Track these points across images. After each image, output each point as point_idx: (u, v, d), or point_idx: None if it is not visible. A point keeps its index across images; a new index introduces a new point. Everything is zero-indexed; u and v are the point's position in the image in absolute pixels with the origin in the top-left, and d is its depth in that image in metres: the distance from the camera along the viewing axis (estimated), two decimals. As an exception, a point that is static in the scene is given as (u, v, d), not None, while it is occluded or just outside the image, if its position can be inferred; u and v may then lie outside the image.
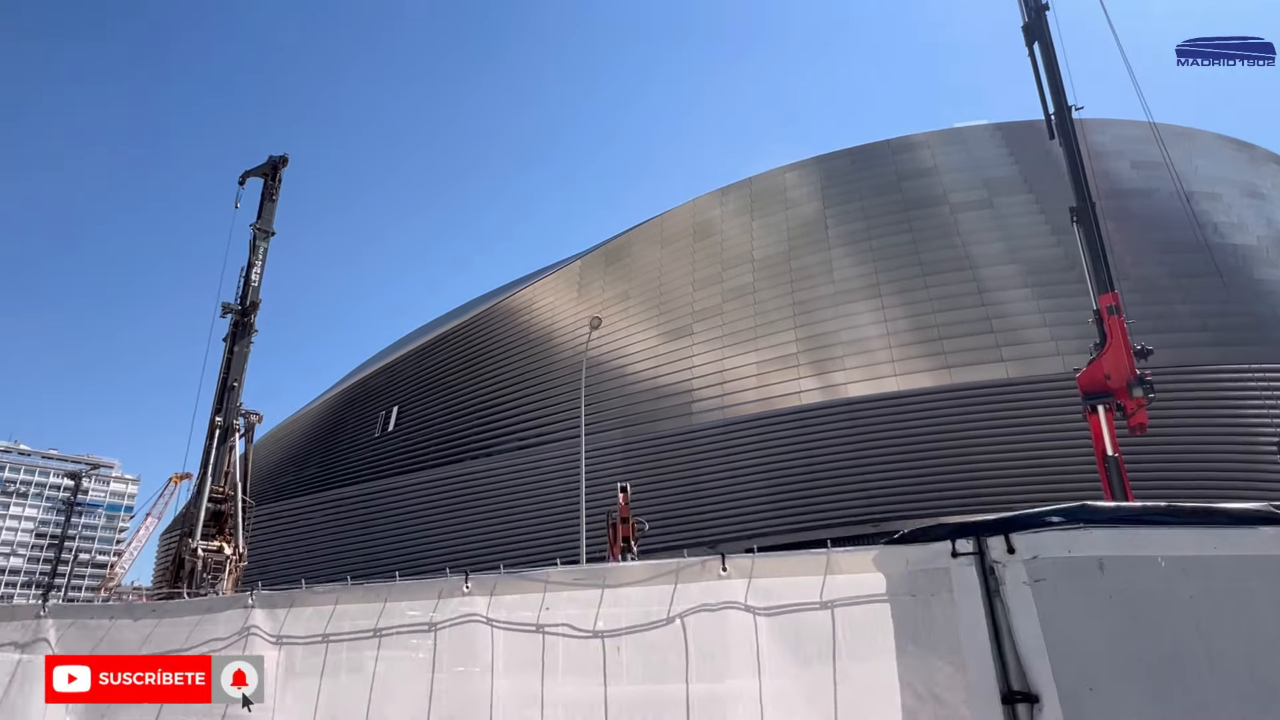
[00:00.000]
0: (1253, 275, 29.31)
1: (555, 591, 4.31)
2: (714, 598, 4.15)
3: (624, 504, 11.51)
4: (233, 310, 16.01)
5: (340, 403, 53.10)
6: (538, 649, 4.09)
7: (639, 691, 3.97)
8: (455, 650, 4.11)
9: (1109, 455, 14.17)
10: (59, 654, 2.97)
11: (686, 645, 4.02)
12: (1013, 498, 25.91)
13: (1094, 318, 16.10)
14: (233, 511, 14.11)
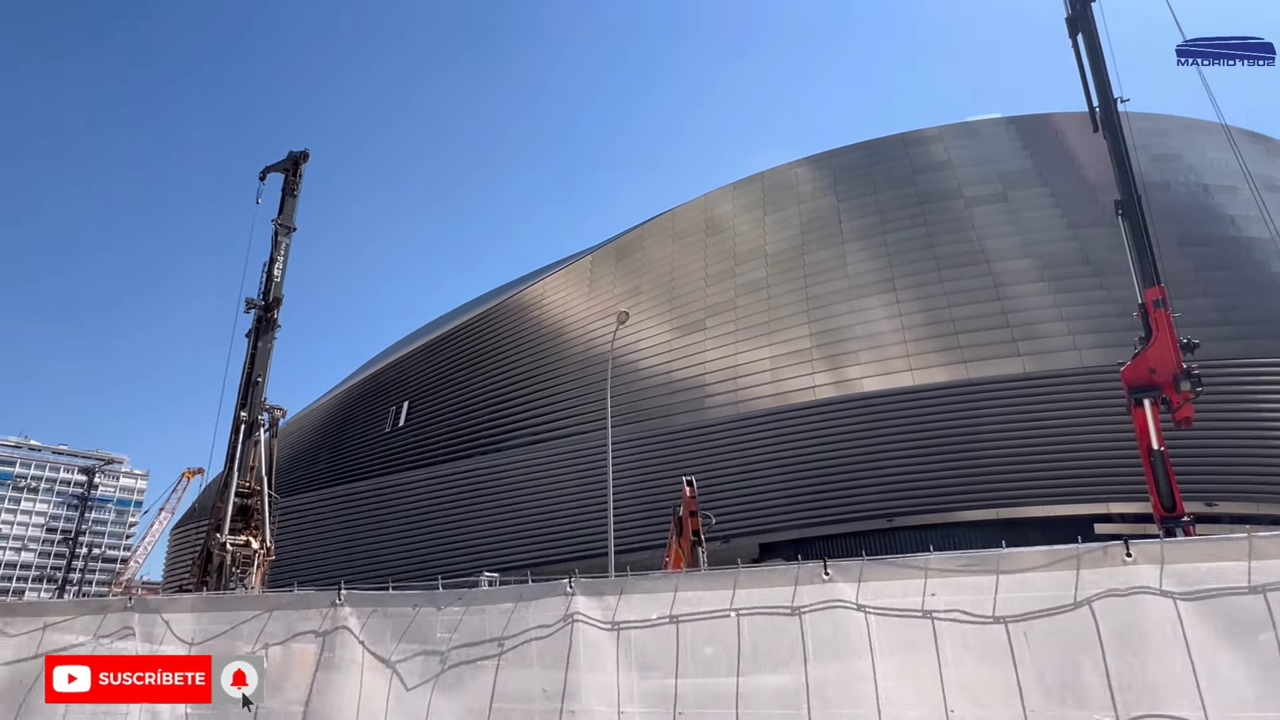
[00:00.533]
0: (1270, 269, 29.16)
1: (940, 578, 4.14)
2: (1122, 583, 4.11)
3: (691, 496, 11.48)
4: (256, 306, 16.08)
5: (350, 398, 53.26)
6: (925, 633, 4.04)
7: (1055, 676, 3.86)
8: (821, 633, 4.06)
9: (1154, 449, 14.08)
10: (362, 640, 2.91)
11: (1098, 630, 3.99)
12: (1028, 492, 25.91)
13: (1139, 311, 16.01)
14: (259, 506, 14.19)
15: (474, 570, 35.96)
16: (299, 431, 56.16)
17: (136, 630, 2.86)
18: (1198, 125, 34.72)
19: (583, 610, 3.72)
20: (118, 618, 2.79)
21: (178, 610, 2.83)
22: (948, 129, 34.99)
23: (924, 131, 35.11)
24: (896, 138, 35.27)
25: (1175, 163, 32.05)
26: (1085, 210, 30.70)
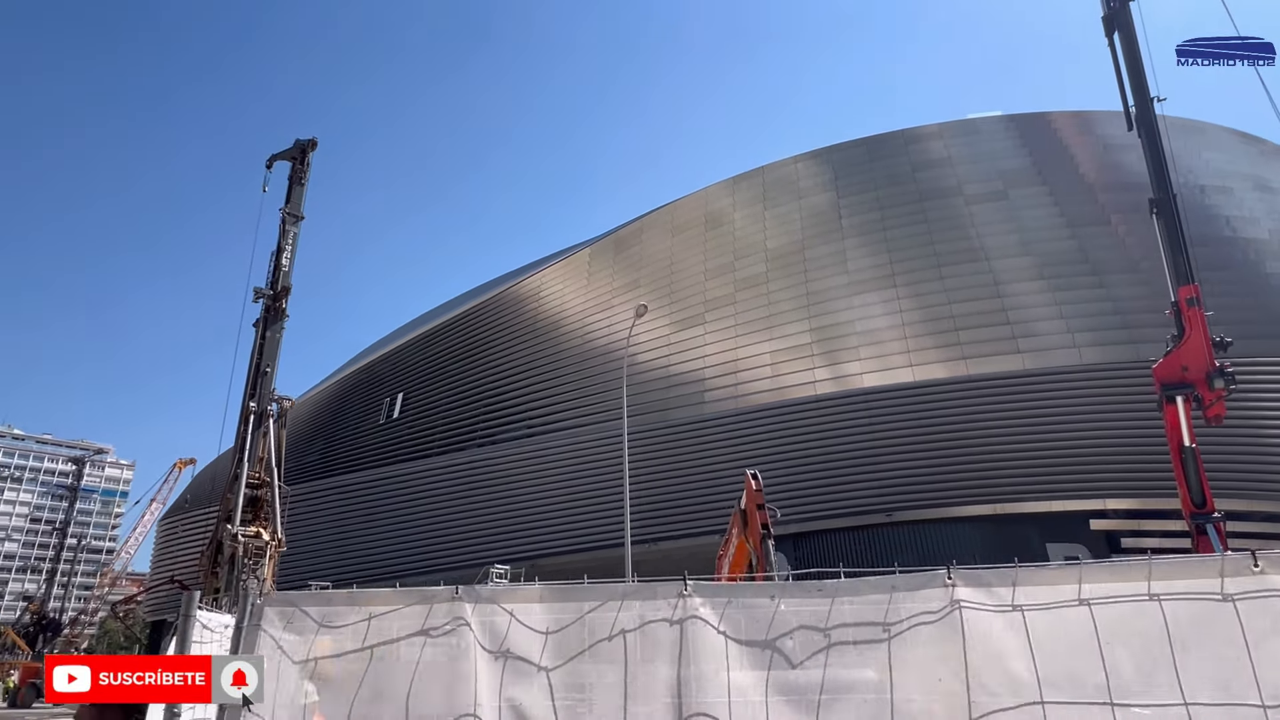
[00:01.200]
0: (1264, 269, 29.52)
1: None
2: None
3: (757, 490, 11.42)
4: (264, 295, 15.94)
5: (343, 389, 52.92)
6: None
7: None
8: (1257, 626, 3.60)
9: (1186, 446, 14.28)
10: (724, 631, 2.73)
11: None
12: (1026, 488, 26.17)
13: (1171, 309, 16.19)
14: (269, 497, 14.11)
15: (470, 563, 35.95)
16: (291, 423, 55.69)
17: (472, 621, 2.75)
18: (1193, 126, 35.05)
19: (968, 598, 3.40)
20: (446, 608, 2.72)
21: (524, 600, 2.75)
22: (948, 126, 35.14)
23: (924, 128, 35.24)
24: (897, 134, 35.37)
25: (1172, 162, 32.31)
26: (1084, 209, 30.96)
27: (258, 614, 2.81)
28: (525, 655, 2.69)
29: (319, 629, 2.71)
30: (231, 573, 12.76)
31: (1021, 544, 25.42)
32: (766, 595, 2.80)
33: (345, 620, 2.66)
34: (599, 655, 2.68)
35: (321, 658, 2.65)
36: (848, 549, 27.73)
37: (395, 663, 2.70)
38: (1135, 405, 26.21)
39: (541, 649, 2.68)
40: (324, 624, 2.73)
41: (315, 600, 2.79)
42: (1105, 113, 36.12)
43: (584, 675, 2.64)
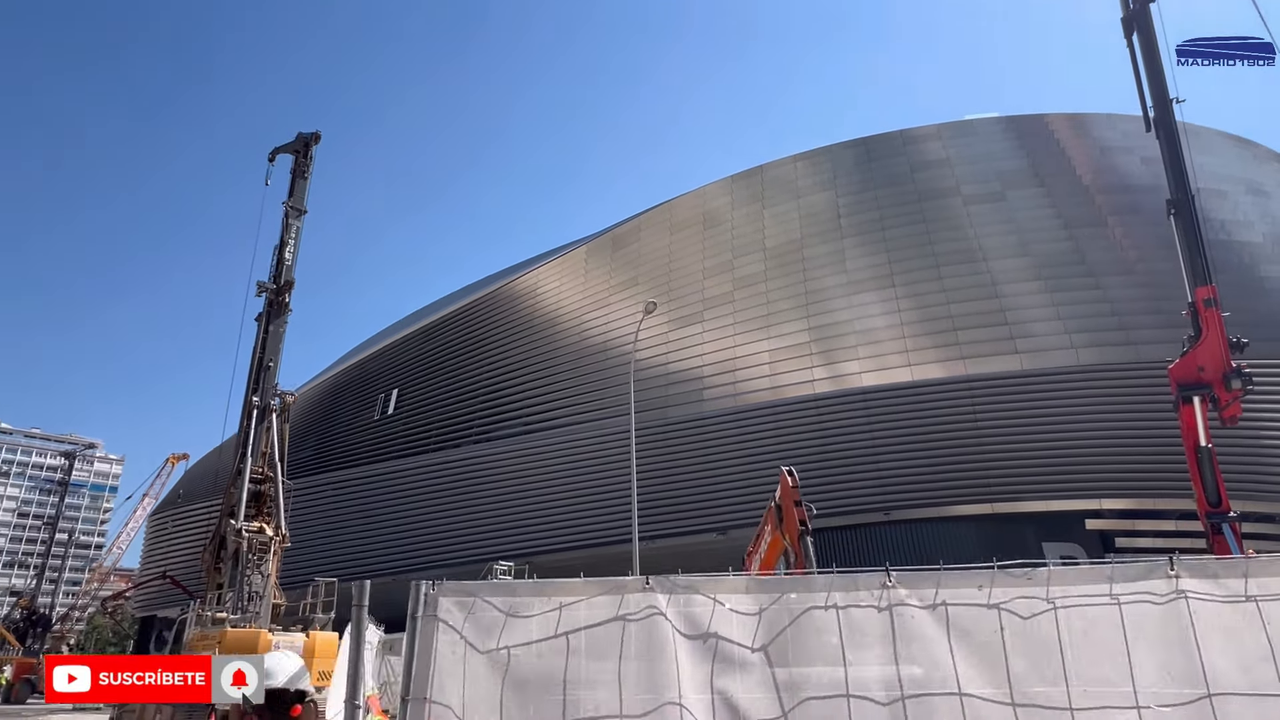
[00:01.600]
0: (1258, 273, 29.76)
1: None
2: None
3: (794, 486, 11.34)
4: (267, 289, 15.84)
5: (336, 385, 52.67)
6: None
7: None
8: None
9: (1201, 446, 14.37)
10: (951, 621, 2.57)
11: None
12: (1023, 487, 26.33)
13: (1188, 310, 16.27)
14: (272, 492, 14.02)
15: (466, 560, 35.86)
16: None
17: (667, 611, 2.70)
18: (1188, 130, 35.17)
19: (1194, 589, 3.18)
20: (638, 598, 2.67)
21: (728, 591, 2.70)
22: (945, 127, 35.26)
23: (922, 129, 35.35)
24: (895, 134, 35.47)
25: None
26: (1081, 211, 31.15)
27: (432, 604, 2.78)
28: (732, 644, 2.66)
29: (507, 618, 2.67)
30: (235, 568, 12.68)
31: (1018, 543, 25.58)
32: (974, 585, 2.74)
33: (534, 610, 2.63)
34: (806, 646, 2.64)
35: (513, 646, 2.62)
36: (844, 547, 27.81)
37: (590, 651, 2.68)
38: (1131, 406, 26.42)
39: (751, 638, 2.65)
40: (511, 613, 2.69)
41: (496, 590, 2.77)
42: (1101, 115, 36.37)
43: (792, 665, 2.61)
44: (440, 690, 2.64)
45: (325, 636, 11.99)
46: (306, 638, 11.70)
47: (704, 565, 22.06)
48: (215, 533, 14.23)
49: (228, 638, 10.96)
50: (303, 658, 11.59)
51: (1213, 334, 15.14)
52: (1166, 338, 27.80)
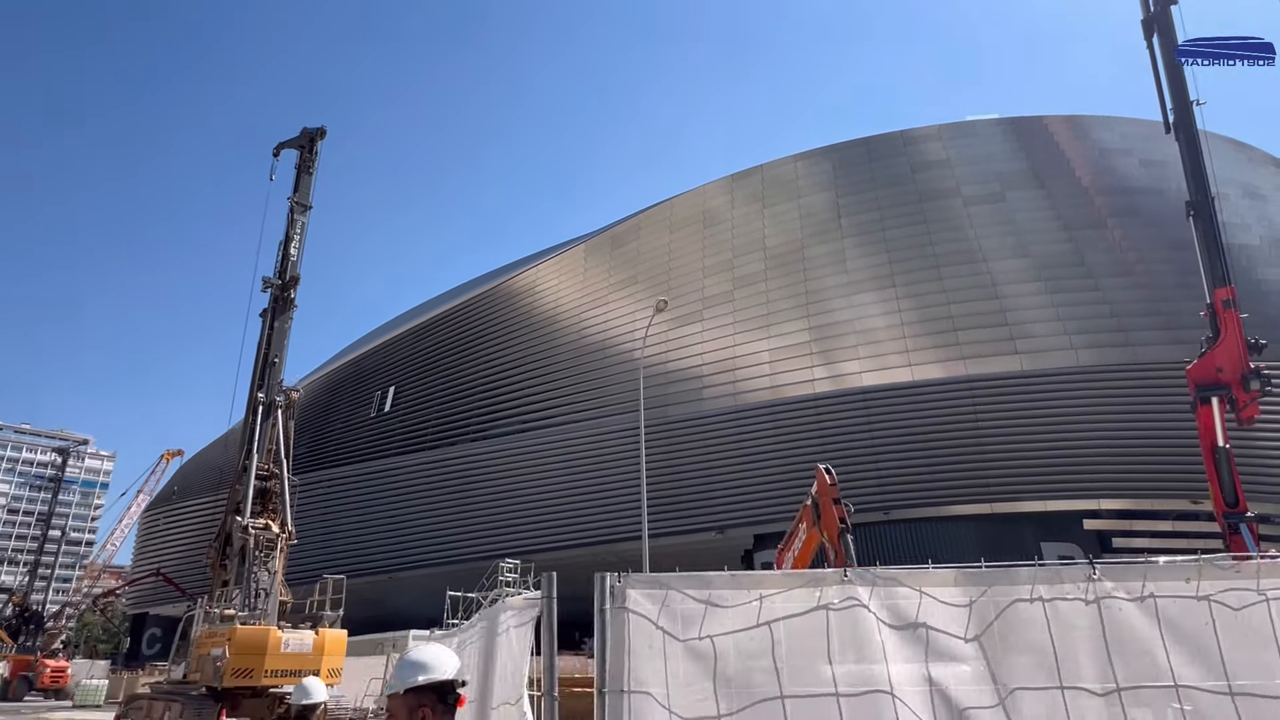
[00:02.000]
0: (1255, 276, 29.94)
1: None
2: None
3: (832, 484, 11.28)
4: (273, 285, 15.74)
5: (333, 382, 52.46)
6: None
7: None
8: None
9: (1219, 447, 14.41)
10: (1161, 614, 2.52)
11: None
12: (1022, 487, 26.45)
13: (1206, 311, 16.28)
14: (277, 489, 13.95)
15: (463, 558, 35.78)
16: (279, 415, 55.23)
17: (870, 603, 2.67)
18: (1186, 132, 35.49)
19: None
20: (837, 590, 2.65)
21: (933, 584, 2.66)
22: (946, 128, 35.33)
23: (923, 130, 35.42)
24: (895, 135, 35.52)
25: (1165, 169, 32.69)
26: (1080, 212, 31.28)
27: (620, 596, 2.76)
28: (944, 635, 2.63)
29: (707, 608, 2.66)
30: (242, 565, 12.60)
31: (1016, 543, 25.70)
32: (1182, 578, 2.71)
33: (733, 601, 2.62)
34: (1014, 638, 2.62)
35: (716, 636, 2.60)
36: (844, 546, 27.90)
37: (792, 641, 2.66)
38: (1129, 407, 26.58)
39: (963, 629, 2.62)
40: (711, 604, 2.67)
41: (689, 582, 2.75)
42: (1100, 117, 36.53)
43: (1002, 657, 2.59)
44: (639, 681, 2.63)
45: (335, 634, 11.93)
46: (316, 635, 11.66)
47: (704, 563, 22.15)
48: (221, 529, 14.14)
49: (238, 635, 10.89)
50: (312, 654, 11.56)
51: (1231, 335, 15.19)
52: (1164, 339, 27.99)
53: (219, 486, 50.63)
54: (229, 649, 10.64)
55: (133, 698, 13.20)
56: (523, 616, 3.65)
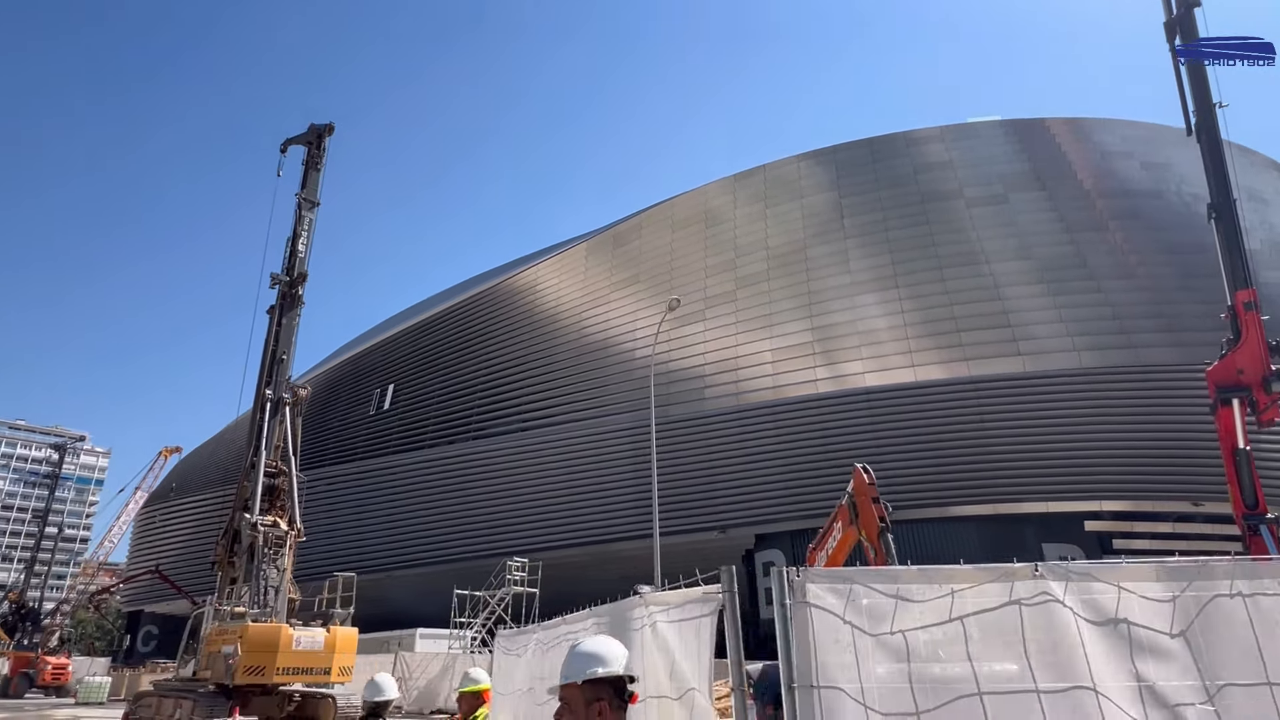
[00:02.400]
0: (1258, 280, 29.99)
1: None
2: None
3: (871, 483, 11.24)
4: (280, 281, 15.69)
5: (331, 379, 52.30)
6: None
7: None
8: None
9: (1240, 449, 14.42)
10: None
11: None
12: (1025, 488, 26.51)
13: (1227, 313, 16.29)
14: (285, 486, 13.89)
15: (461, 556, 35.74)
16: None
17: (1064, 598, 2.62)
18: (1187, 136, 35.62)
19: None
20: (1029, 584, 2.59)
21: (1137, 578, 2.59)
22: (948, 129, 35.39)
23: (925, 131, 35.48)
24: (899, 136, 35.57)
25: (1166, 172, 32.87)
26: (1081, 215, 31.37)
27: (800, 590, 2.71)
28: (1150, 631, 2.58)
29: (897, 603, 2.61)
30: (251, 562, 12.54)
31: (1018, 543, 25.74)
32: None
33: (924, 596, 2.58)
34: (1217, 634, 2.58)
35: (908, 630, 2.57)
36: (846, 547, 27.93)
37: (986, 637, 2.61)
38: (1131, 409, 26.67)
39: (1168, 625, 2.57)
40: (901, 598, 2.63)
41: (875, 576, 2.71)
42: (1101, 120, 36.64)
43: (1207, 653, 2.55)
44: (828, 676, 2.59)
45: (346, 632, 11.88)
46: (327, 633, 11.60)
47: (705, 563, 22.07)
48: (228, 526, 14.07)
49: (249, 633, 10.84)
50: (323, 652, 11.51)
51: (1253, 337, 15.23)
52: (1165, 342, 28.09)
53: (216, 483, 50.47)
54: (241, 646, 10.59)
55: (141, 695, 13.14)
56: (685, 612, 3.56)
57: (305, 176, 17.21)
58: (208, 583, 41.84)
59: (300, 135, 17.96)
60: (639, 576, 26.55)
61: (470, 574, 31.95)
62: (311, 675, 11.09)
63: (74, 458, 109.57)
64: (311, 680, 11.22)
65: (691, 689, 3.45)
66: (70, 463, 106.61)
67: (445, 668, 14.71)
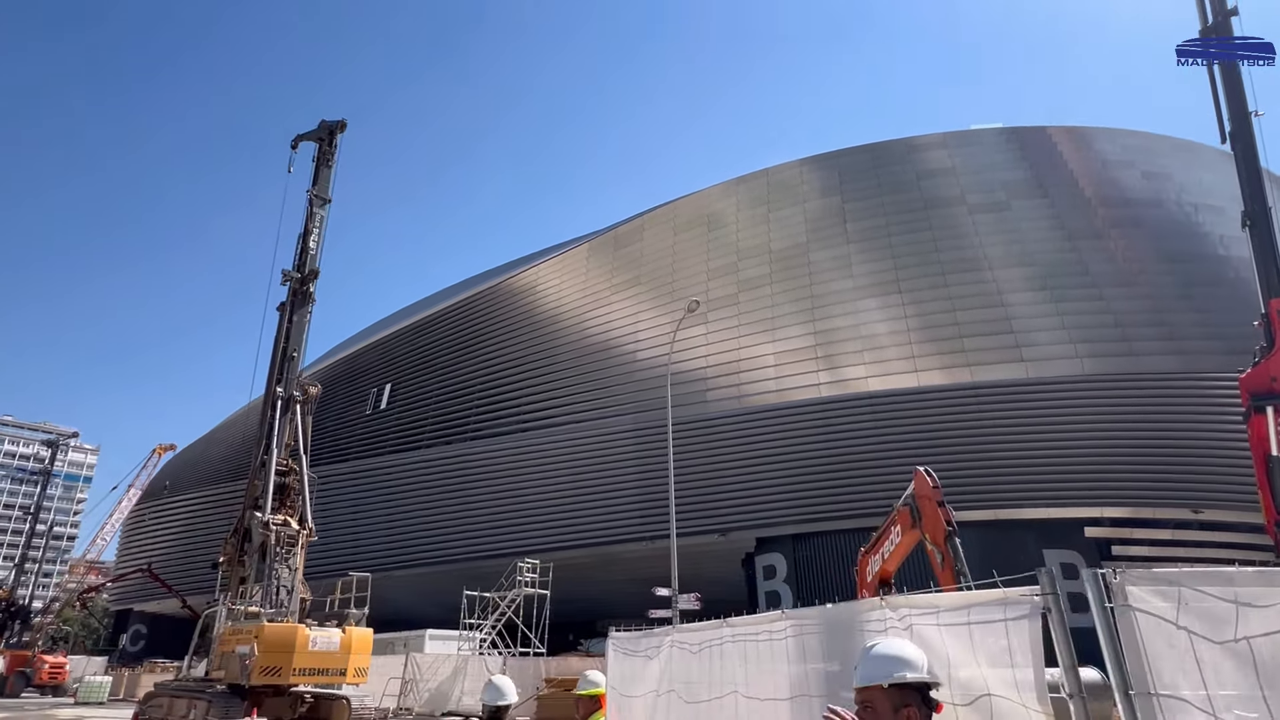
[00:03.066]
0: (1251, 287, 30.26)
1: None
2: None
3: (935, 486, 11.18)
4: (292, 278, 15.55)
5: (325, 377, 51.95)
6: None
7: None
8: None
9: (1272, 456, 14.51)
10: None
11: None
12: (1026, 494, 26.59)
13: (1261, 321, 16.40)
14: (296, 485, 13.75)
15: (461, 557, 35.59)
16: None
17: None
18: (1186, 145, 35.95)
19: None
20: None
21: None
22: (950, 136, 35.56)
23: (928, 137, 35.63)
24: (901, 142, 35.72)
25: (1166, 181, 33.12)
26: (1083, 222, 31.57)
27: (1120, 593, 2.58)
28: None
29: (1237, 608, 2.46)
30: (263, 562, 12.41)
31: (1018, 549, 25.81)
32: None
33: (1267, 600, 2.45)
34: None
35: (1254, 637, 2.45)
36: (849, 550, 27.93)
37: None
38: (1131, 416, 26.82)
39: None
40: (1241, 603, 2.49)
41: (1206, 580, 2.57)
42: (1102, 129, 36.90)
43: None
44: (1165, 684, 2.47)
45: (361, 633, 11.75)
46: (343, 634, 11.48)
47: (705, 566, 22.28)
48: (239, 525, 13.93)
49: (266, 633, 10.71)
50: (339, 652, 11.39)
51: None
52: (1165, 350, 28.28)
53: (208, 481, 50.09)
54: (257, 646, 10.46)
55: (151, 695, 12.97)
56: (974, 615, 3.33)
57: (316, 173, 17.08)
58: (198, 581, 41.56)
59: (311, 132, 17.82)
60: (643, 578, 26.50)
61: (472, 575, 31.79)
62: (327, 676, 10.97)
63: (63, 454, 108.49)
64: (327, 681, 11.10)
65: (985, 695, 3.25)
66: (59, 460, 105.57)
67: (457, 670, 14.57)
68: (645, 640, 6.47)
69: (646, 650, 6.33)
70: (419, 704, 14.09)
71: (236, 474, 51.02)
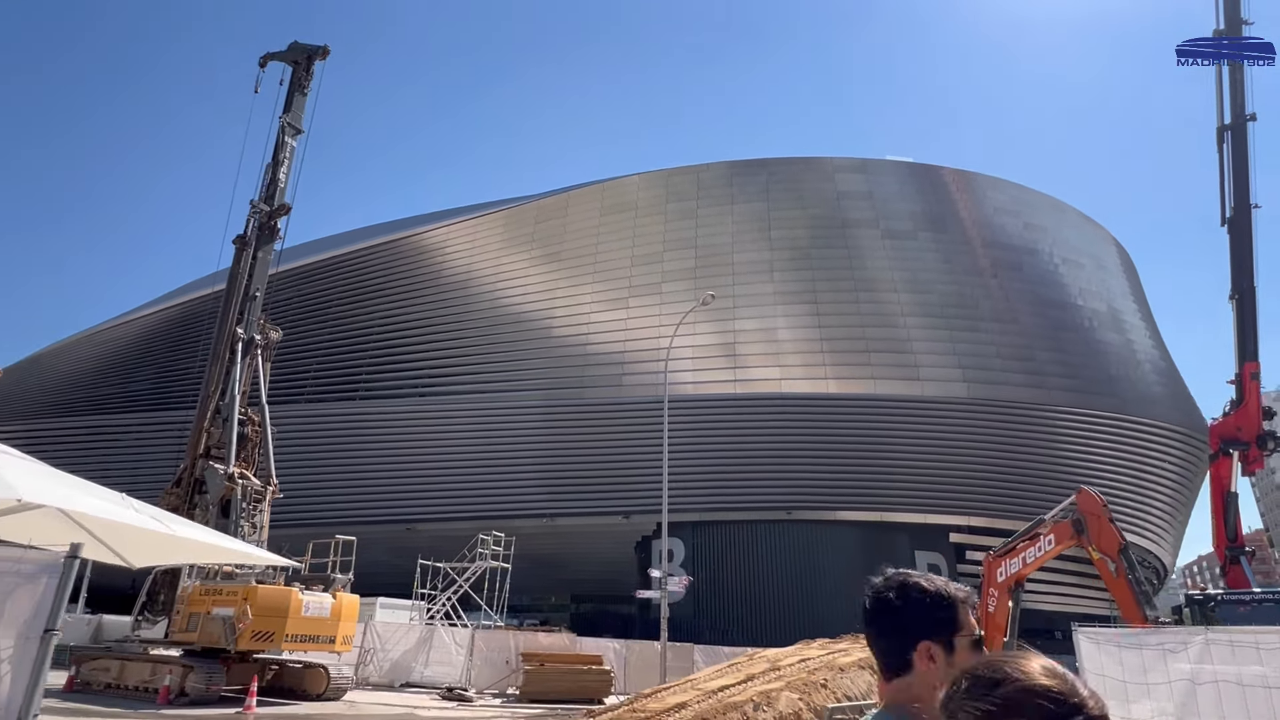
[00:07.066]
0: (1097, 337, 34.98)
1: None
2: None
3: (1103, 504, 12.00)
4: (259, 210, 14.04)
5: (183, 315, 47.18)
6: None
7: None
8: None
9: (1230, 492, 17.03)
10: None
11: None
12: (905, 500, 29.30)
13: (1234, 379, 19.01)
14: (255, 437, 12.59)
15: (334, 521, 33.74)
16: (113, 341, 49.00)
17: None
18: (1059, 205, 40.64)
19: None
20: None
21: None
22: (869, 162, 38.00)
23: (848, 160, 37.89)
24: (826, 160, 37.72)
25: (1042, 234, 37.32)
26: (972, 260, 34.96)
27: None
28: None
29: None
30: (225, 518, 11.33)
31: (891, 549, 28.51)
32: None
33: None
34: None
35: None
36: (743, 541, 29.52)
37: None
38: (997, 437, 30.24)
39: None
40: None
41: None
42: (988, 177, 40.75)
43: None
44: None
45: (350, 599, 11.07)
46: (334, 600, 10.76)
47: (602, 546, 23.01)
48: (186, 473, 12.60)
49: (259, 595, 9.83)
50: (330, 618, 10.72)
51: (1253, 402, 18.13)
52: (1026, 382, 32.02)
53: (38, 414, 44.08)
54: (249, 610, 9.62)
55: (88, 658, 11.36)
56: None
57: (289, 99, 15.53)
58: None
59: (282, 53, 16.08)
60: (534, 557, 26.56)
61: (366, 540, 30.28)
62: (318, 644, 10.29)
63: None
64: (317, 649, 10.40)
65: None
66: None
67: (422, 640, 13.93)
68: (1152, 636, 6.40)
69: (1172, 645, 6.46)
70: (378, 674, 13.37)
71: (66, 410, 45.26)
